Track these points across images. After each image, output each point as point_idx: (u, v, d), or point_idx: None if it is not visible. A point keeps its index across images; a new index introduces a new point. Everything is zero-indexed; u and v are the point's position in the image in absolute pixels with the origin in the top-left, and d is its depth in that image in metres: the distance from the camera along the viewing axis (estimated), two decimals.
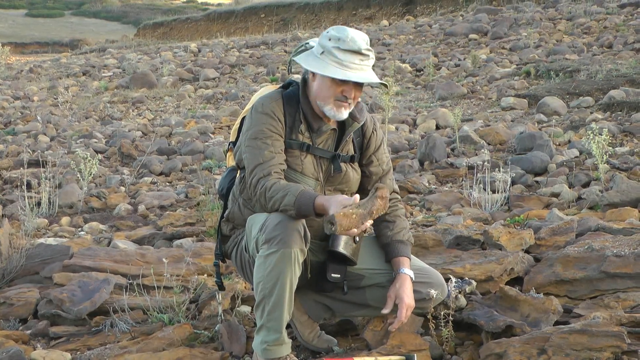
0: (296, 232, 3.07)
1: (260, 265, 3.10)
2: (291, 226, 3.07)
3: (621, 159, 8.65)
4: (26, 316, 4.46)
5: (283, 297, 3.12)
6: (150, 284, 4.54)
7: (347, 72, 3.22)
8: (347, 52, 3.22)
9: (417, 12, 34.91)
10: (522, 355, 3.15)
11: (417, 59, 20.46)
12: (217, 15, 45.47)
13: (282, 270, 3.06)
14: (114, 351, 3.69)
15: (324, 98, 3.31)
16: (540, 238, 4.90)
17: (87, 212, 8.58)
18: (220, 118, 15.53)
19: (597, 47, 18.77)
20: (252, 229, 3.27)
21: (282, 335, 3.21)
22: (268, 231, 3.08)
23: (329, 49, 3.23)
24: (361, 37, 3.26)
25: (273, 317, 3.16)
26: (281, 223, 3.07)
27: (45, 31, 64.47)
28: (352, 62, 3.22)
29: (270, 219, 3.12)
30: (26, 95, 21.20)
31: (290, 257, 3.06)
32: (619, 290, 3.96)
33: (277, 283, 3.08)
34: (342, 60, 3.21)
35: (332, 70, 3.21)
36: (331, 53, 3.23)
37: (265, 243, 3.08)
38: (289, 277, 3.09)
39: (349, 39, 3.22)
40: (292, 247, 3.05)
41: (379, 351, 3.41)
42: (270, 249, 3.06)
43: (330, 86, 3.27)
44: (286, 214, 3.11)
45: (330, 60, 3.23)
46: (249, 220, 3.34)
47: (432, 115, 13.34)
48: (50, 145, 13.46)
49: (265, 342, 3.21)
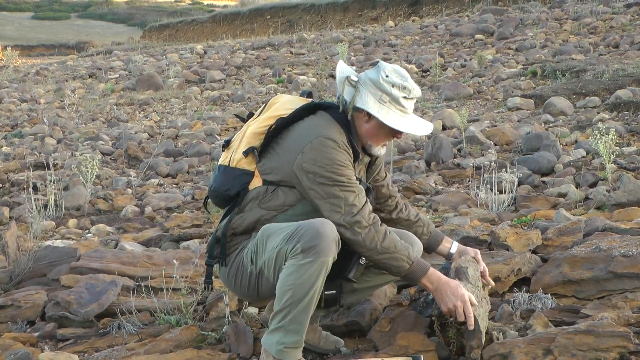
0: (334, 242, 3.10)
1: (292, 273, 3.07)
2: (330, 236, 3.08)
3: (628, 158, 8.63)
4: (34, 318, 4.47)
5: (312, 304, 3.13)
6: (157, 286, 4.54)
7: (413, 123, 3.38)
8: (410, 100, 3.35)
9: (423, 13, 34.87)
10: (527, 356, 3.14)
11: (423, 59, 20.44)
12: (223, 17, 45.48)
13: (316, 279, 3.07)
14: (122, 353, 3.69)
15: (377, 141, 3.43)
16: (547, 238, 4.89)
17: (94, 214, 8.60)
18: (226, 119, 15.54)
19: (603, 47, 18.72)
20: (268, 240, 3.23)
21: (301, 339, 3.21)
22: (306, 240, 3.05)
23: (397, 99, 3.32)
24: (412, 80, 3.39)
25: (297, 321, 3.14)
26: (320, 233, 3.06)
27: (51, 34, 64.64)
28: (410, 108, 3.38)
29: (306, 228, 3.10)
30: (33, 98, 21.25)
31: (327, 266, 3.08)
32: (627, 290, 3.95)
33: (309, 291, 3.08)
34: (407, 109, 3.36)
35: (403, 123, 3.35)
36: (398, 102, 3.32)
37: (301, 252, 3.05)
38: (321, 284, 3.11)
39: (412, 87, 3.34)
40: (329, 256, 3.07)
41: (386, 352, 3.41)
42: (306, 257, 3.04)
43: (389, 133, 3.39)
44: (397, 260, 3.25)
45: (396, 109, 3.33)
46: (263, 231, 3.28)
47: (438, 115, 13.32)
48: (56, 148, 13.50)
49: (282, 344, 3.18)
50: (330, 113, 3.40)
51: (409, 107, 3.35)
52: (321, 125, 3.33)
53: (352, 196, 3.22)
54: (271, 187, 3.37)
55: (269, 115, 3.49)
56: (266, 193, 3.38)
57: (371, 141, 3.41)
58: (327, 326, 3.83)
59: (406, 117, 3.35)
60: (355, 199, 3.22)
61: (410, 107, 3.36)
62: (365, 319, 3.87)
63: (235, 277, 3.42)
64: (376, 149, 3.43)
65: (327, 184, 3.22)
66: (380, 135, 3.39)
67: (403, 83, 3.31)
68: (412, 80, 3.36)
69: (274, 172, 3.37)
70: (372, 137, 3.39)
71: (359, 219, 3.19)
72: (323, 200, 3.23)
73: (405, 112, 3.34)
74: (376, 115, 3.30)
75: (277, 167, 3.36)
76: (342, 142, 3.28)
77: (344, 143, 3.28)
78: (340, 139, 3.28)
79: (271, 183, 3.38)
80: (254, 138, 3.48)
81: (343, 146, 3.27)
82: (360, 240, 3.19)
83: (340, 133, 3.31)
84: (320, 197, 3.23)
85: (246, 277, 3.37)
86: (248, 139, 3.49)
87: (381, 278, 3.60)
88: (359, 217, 3.19)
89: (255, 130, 3.49)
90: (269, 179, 3.38)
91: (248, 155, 3.46)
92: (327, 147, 3.24)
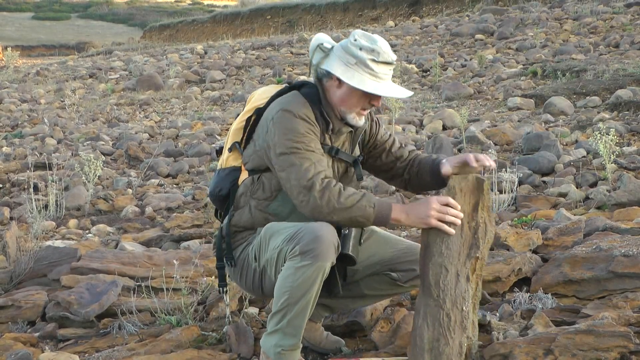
0: (332, 247, 3.06)
1: (289, 276, 3.07)
2: (328, 240, 3.05)
3: (628, 158, 8.63)
4: (34, 319, 4.47)
5: (308, 308, 3.12)
6: (157, 286, 4.54)
7: (383, 85, 3.23)
8: (381, 63, 3.21)
9: (423, 13, 34.90)
10: (527, 356, 3.14)
11: (423, 59, 20.45)
12: (223, 17, 45.52)
13: (313, 283, 3.05)
14: (122, 353, 3.70)
15: (350, 106, 3.30)
16: (547, 238, 4.89)
17: (94, 214, 8.60)
18: (226, 120, 15.54)
19: (603, 46, 18.73)
20: (270, 239, 3.22)
21: (299, 341, 3.21)
22: (304, 244, 3.04)
23: (363, 60, 3.19)
24: (388, 46, 3.27)
25: (294, 325, 3.14)
26: (319, 237, 3.04)
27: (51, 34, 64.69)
28: (385, 73, 3.23)
29: (305, 231, 3.08)
30: (33, 98, 21.26)
31: (324, 271, 3.06)
32: (627, 290, 3.95)
33: (305, 294, 3.07)
34: (377, 72, 3.20)
35: (371, 85, 3.21)
36: (365, 64, 3.20)
37: (299, 255, 3.03)
38: (317, 289, 3.08)
39: (382, 50, 3.21)
40: (326, 261, 3.04)
41: (386, 351, 3.41)
42: (304, 261, 3.03)
43: (360, 97, 3.27)
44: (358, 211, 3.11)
45: (364, 72, 3.20)
46: (267, 229, 3.28)
47: (438, 115, 13.33)
48: (57, 148, 13.50)
49: (280, 346, 3.19)
50: (301, 90, 3.38)
51: (380, 71, 3.21)
52: (282, 101, 3.32)
53: (307, 163, 3.16)
54: (255, 175, 3.39)
55: (247, 109, 3.53)
56: (252, 183, 3.41)
57: (344, 107, 3.30)
58: (328, 326, 3.84)
59: (378, 81, 3.23)
60: (310, 165, 3.15)
61: (383, 72, 3.22)
62: (365, 319, 3.88)
63: (241, 273, 3.44)
64: (351, 117, 3.31)
65: (284, 152, 3.19)
66: (352, 100, 3.28)
67: (371, 46, 3.20)
68: (386, 46, 3.24)
69: (251, 160, 3.39)
70: (344, 102, 3.30)
71: (312, 184, 3.11)
72: (283, 172, 3.20)
73: (376, 75, 3.21)
74: (340, 76, 3.22)
75: (252, 153, 3.39)
76: (303, 113, 3.23)
77: (305, 114, 3.23)
78: (301, 110, 3.23)
79: (254, 171, 3.40)
80: (236, 134, 3.54)
81: (302, 116, 3.22)
82: (318, 204, 3.10)
83: (303, 104, 3.27)
84: (281, 168, 3.21)
85: (251, 274, 3.39)
86: (232, 137, 3.56)
87: (393, 289, 3.56)
88: (311, 182, 3.12)
89: (236, 126, 3.55)
90: (250, 167, 3.41)
91: (233, 152, 3.54)
92: (284, 119, 3.22)
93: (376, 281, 3.51)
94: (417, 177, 3.53)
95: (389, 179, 3.67)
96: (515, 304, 3.93)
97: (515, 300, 3.97)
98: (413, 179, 3.55)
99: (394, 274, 3.48)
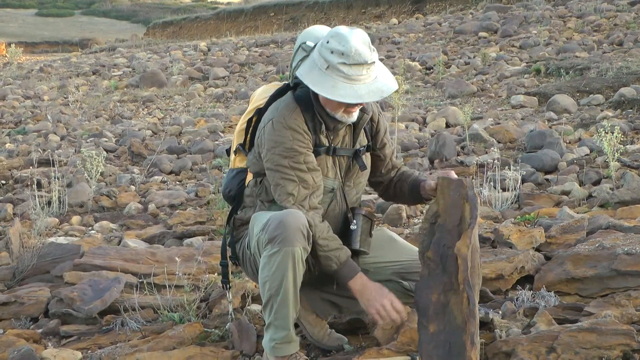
0: (298, 231, 3.06)
1: (265, 265, 3.11)
2: (294, 225, 3.05)
3: (632, 156, 8.61)
4: (37, 315, 4.47)
5: (288, 296, 3.12)
6: (160, 283, 4.55)
7: (356, 90, 3.10)
8: (354, 65, 3.07)
9: (427, 10, 34.87)
10: (530, 354, 3.13)
11: (426, 57, 20.44)
12: (227, 14, 45.54)
13: (285, 269, 3.07)
14: (125, 350, 3.70)
15: (332, 108, 3.25)
16: (550, 236, 4.89)
17: (97, 211, 8.61)
18: (230, 117, 15.54)
19: (607, 44, 18.72)
20: (254, 227, 3.27)
21: (289, 332, 3.21)
22: (270, 230, 3.07)
23: (334, 65, 3.07)
24: (364, 45, 3.10)
25: (280, 316, 3.16)
26: (283, 222, 3.05)
27: (55, 30, 64.67)
28: (360, 75, 3.09)
29: (272, 219, 3.11)
30: (36, 95, 21.27)
31: (294, 256, 3.05)
32: (630, 288, 3.94)
33: (282, 282, 3.09)
34: (349, 75, 3.08)
35: (343, 92, 3.08)
36: (337, 69, 3.07)
37: (269, 243, 3.07)
38: (292, 275, 3.09)
39: (353, 52, 3.05)
40: (294, 246, 3.05)
41: (389, 347, 3.41)
42: (273, 248, 3.06)
43: (339, 103, 3.18)
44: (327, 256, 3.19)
45: (337, 76, 3.08)
46: (252, 219, 3.34)
47: (442, 113, 13.32)
48: (60, 145, 13.51)
49: (273, 340, 3.22)
50: (296, 92, 3.34)
51: (354, 74, 3.06)
52: (274, 108, 3.31)
53: (290, 186, 3.17)
54: (258, 178, 3.42)
55: (248, 110, 3.55)
56: (256, 185, 3.44)
57: (328, 108, 3.25)
58: (331, 323, 3.83)
59: (353, 83, 3.09)
60: (294, 189, 3.17)
61: (357, 73, 3.07)
62: (368, 317, 3.87)
63: (244, 263, 3.50)
64: (338, 116, 3.25)
65: (271, 168, 3.23)
66: (332, 103, 3.21)
67: (341, 49, 3.04)
68: (360, 45, 3.07)
69: (253, 163, 3.42)
70: (327, 105, 3.24)
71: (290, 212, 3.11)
72: (271, 186, 3.28)
73: (349, 78, 3.07)
74: (310, 86, 3.14)
75: (252, 157, 3.41)
76: (293, 122, 3.21)
77: (295, 123, 3.21)
78: (291, 119, 3.21)
79: (257, 174, 3.42)
80: (239, 136, 3.57)
81: (292, 126, 3.20)
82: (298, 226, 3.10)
83: (294, 111, 3.24)
84: (269, 182, 3.28)
85: (249, 263, 3.43)
86: (236, 139, 3.60)
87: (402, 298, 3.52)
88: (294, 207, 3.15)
89: (239, 128, 3.57)
90: (253, 170, 3.44)
91: (238, 154, 3.58)
92: (273, 130, 3.23)
93: (388, 287, 3.45)
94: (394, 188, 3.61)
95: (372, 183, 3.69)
96: (518, 302, 3.93)
97: (518, 298, 3.97)
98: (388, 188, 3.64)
99: (406, 283, 3.48)
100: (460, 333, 2.95)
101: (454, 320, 2.99)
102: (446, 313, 3.02)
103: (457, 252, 3.00)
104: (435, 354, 2.98)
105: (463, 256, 2.99)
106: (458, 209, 3.11)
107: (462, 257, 2.99)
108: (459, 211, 3.10)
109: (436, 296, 3.04)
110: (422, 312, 3.08)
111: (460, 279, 2.98)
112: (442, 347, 2.99)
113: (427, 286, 3.08)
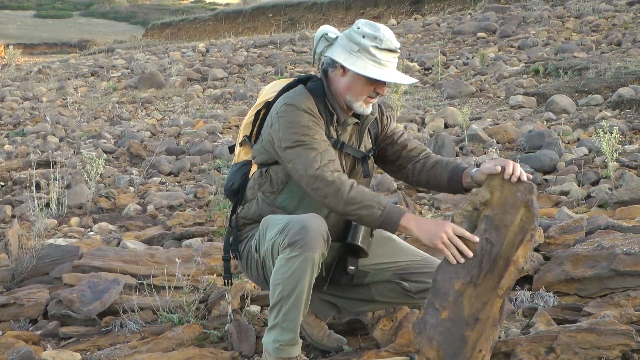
0: (320, 236, 3.06)
1: (281, 268, 3.08)
2: (316, 230, 3.05)
3: (630, 156, 8.62)
4: (36, 317, 4.47)
5: (301, 300, 3.11)
6: (159, 284, 4.55)
7: (386, 72, 3.23)
8: (384, 50, 3.22)
9: (425, 11, 34.91)
10: (529, 354, 3.14)
11: (425, 57, 20.44)
12: (225, 15, 45.55)
13: (303, 274, 3.05)
14: (124, 351, 3.70)
15: (355, 94, 3.30)
16: (549, 236, 4.89)
17: (96, 212, 8.61)
18: (228, 118, 15.53)
19: (605, 44, 18.73)
20: (267, 231, 3.24)
21: (296, 335, 3.21)
22: (292, 234, 3.05)
23: (366, 47, 3.21)
24: (392, 34, 3.27)
25: (289, 318, 3.15)
26: (306, 227, 3.04)
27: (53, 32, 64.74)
28: (388, 61, 3.24)
29: (293, 222, 3.09)
30: (35, 96, 21.25)
31: (313, 261, 3.05)
32: (629, 288, 3.95)
33: (297, 286, 3.07)
34: (380, 60, 3.21)
35: (374, 71, 3.21)
36: (368, 51, 3.20)
37: (288, 246, 3.05)
38: (309, 280, 3.08)
39: (385, 37, 3.21)
40: (315, 252, 3.04)
41: (387, 349, 3.41)
42: (292, 252, 3.04)
43: (365, 84, 3.26)
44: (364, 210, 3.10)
45: (367, 59, 3.21)
46: (264, 221, 3.30)
47: (440, 113, 13.32)
48: (59, 146, 13.49)
49: (278, 342, 3.20)
50: (307, 84, 3.40)
51: (383, 59, 3.22)
52: (287, 96, 3.34)
53: (313, 153, 3.17)
54: (263, 168, 3.42)
55: (257, 103, 3.58)
56: (260, 176, 3.44)
57: (349, 95, 3.30)
58: (330, 324, 3.84)
59: (381, 68, 3.23)
60: (317, 155, 3.16)
61: (386, 59, 3.23)
62: (367, 317, 3.87)
63: (247, 265, 3.48)
64: (357, 105, 3.31)
65: (290, 146, 3.21)
66: (357, 87, 3.28)
67: (374, 33, 3.22)
68: (390, 34, 3.25)
69: (260, 153, 3.42)
70: (349, 90, 3.30)
71: (320, 174, 3.12)
72: (290, 164, 3.22)
73: (379, 62, 3.22)
74: (343, 62, 3.24)
75: (260, 147, 3.42)
76: (306, 106, 3.25)
77: (309, 107, 3.25)
78: (304, 103, 3.25)
79: (262, 165, 3.43)
80: (246, 128, 3.59)
81: (306, 109, 3.24)
82: (325, 193, 3.12)
83: (307, 98, 3.29)
84: (288, 160, 3.22)
85: (255, 265, 3.42)
86: (242, 131, 3.61)
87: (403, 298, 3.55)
88: (319, 171, 3.12)
89: (247, 120, 3.59)
90: (259, 161, 3.44)
91: (243, 146, 3.59)
92: (288, 112, 3.24)
93: (388, 288, 3.51)
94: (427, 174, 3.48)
95: (395, 171, 3.63)
96: (517, 302, 3.94)
97: (517, 298, 3.97)
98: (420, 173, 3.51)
99: (406, 284, 3.47)
100: (463, 327, 2.96)
101: (462, 312, 2.99)
102: (457, 302, 3.02)
103: (514, 260, 2.97)
104: (437, 340, 2.99)
105: (518, 266, 2.98)
106: (515, 210, 3.07)
107: (517, 266, 2.98)
108: (515, 213, 3.06)
109: (459, 285, 3.01)
110: (439, 296, 3.04)
111: (505, 286, 2.97)
112: (444, 334, 2.99)
113: (453, 272, 3.03)
